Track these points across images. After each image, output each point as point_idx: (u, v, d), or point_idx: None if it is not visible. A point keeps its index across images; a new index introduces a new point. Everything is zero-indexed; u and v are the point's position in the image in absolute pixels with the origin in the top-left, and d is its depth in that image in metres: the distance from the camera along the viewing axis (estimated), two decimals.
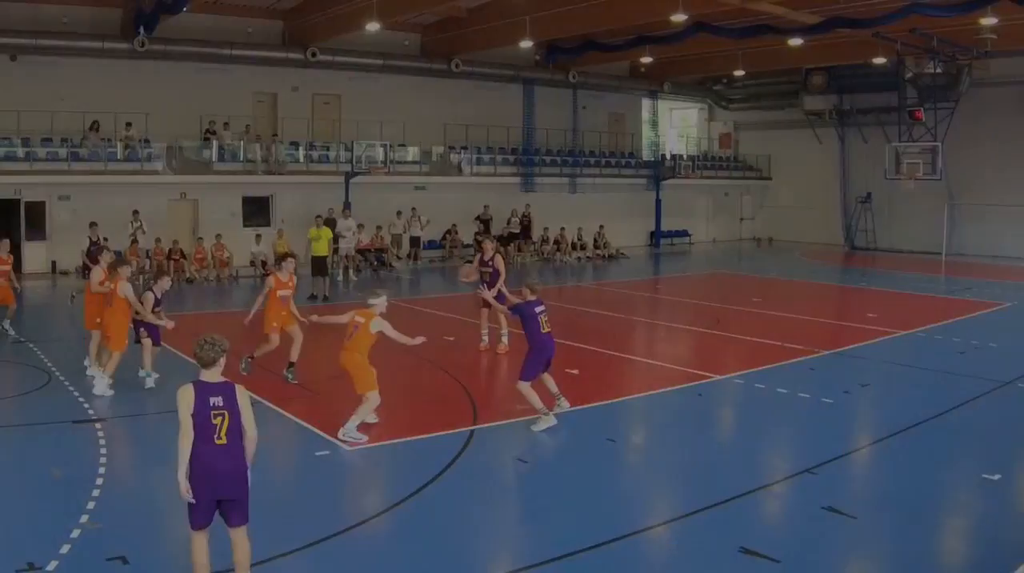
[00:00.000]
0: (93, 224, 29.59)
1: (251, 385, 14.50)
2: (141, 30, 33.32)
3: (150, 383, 15.74)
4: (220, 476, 7.65)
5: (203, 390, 7.76)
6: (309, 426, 13.56)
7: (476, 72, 42.61)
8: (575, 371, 17.20)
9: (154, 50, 34.17)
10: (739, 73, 48.97)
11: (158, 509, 10.02)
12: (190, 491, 7.56)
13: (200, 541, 7.80)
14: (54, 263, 33.15)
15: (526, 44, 37.66)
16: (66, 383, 16.17)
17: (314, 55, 37.89)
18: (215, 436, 7.63)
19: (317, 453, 12.34)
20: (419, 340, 13.14)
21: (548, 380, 14.13)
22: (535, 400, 13.57)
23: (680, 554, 9.44)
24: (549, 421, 13.51)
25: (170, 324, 16.05)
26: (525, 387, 13.61)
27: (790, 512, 10.77)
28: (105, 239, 28.61)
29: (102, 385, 15.25)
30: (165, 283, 16.42)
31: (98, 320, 16.09)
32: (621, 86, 49.53)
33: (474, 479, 11.37)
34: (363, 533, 9.76)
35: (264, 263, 34.11)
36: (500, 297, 17.81)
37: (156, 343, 16.12)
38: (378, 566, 9.13)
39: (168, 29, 33.83)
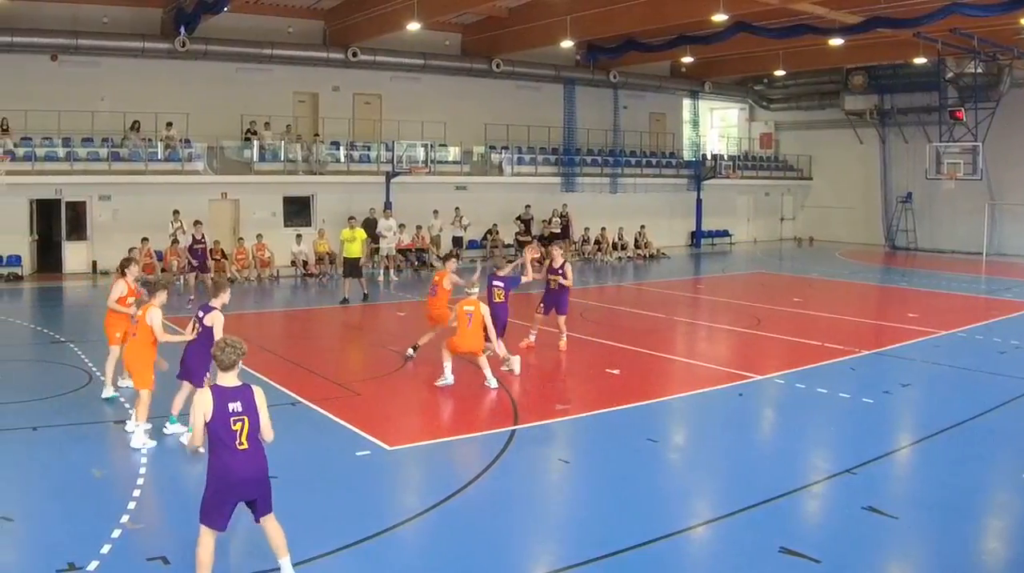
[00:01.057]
0: (198, 223, 28.33)
1: (295, 386, 14.90)
2: (182, 30, 32.66)
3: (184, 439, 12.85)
4: (245, 482, 7.59)
5: (221, 395, 7.59)
6: (350, 426, 13.28)
7: (517, 72, 41.72)
8: (616, 371, 16.91)
9: (195, 50, 33.53)
10: (780, 73, 47.88)
11: (198, 509, 9.39)
12: (210, 502, 7.57)
13: (209, 540, 7.68)
14: (95, 263, 32.38)
15: (567, 44, 36.94)
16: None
17: (355, 55, 37.10)
18: (236, 442, 7.52)
19: (358, 453, 12.06)
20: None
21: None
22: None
23: (721, 554, 9.24)
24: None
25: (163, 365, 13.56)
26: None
27: (831, 512, 10.51)
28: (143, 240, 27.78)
29: (140, 437, 12.28)
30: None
31: (118, 334, 14.58)
32: (662, 86, 48.24)
33: (515, 479, 11.14)
34: (405, 533, 9.57)
35: (305, 263, 33.45)
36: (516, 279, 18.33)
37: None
38: (420, 566, 8.94)
39: (209, 29, 33.15)
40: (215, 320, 12.41)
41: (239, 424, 7.54)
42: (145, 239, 30.10)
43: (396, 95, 39.83)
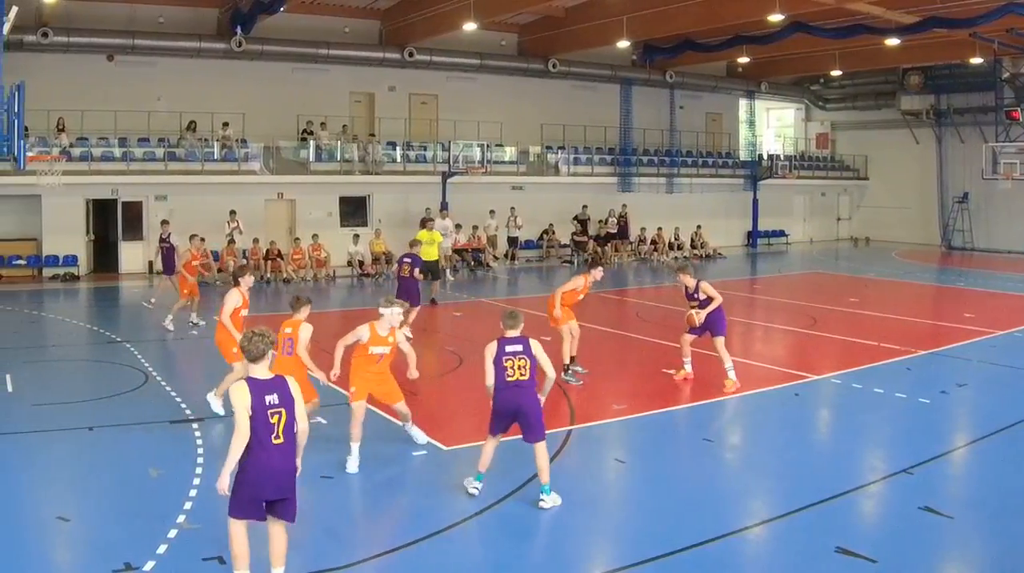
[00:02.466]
0: (165, 222, 26.45)
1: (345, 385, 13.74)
2: (238, 30, 31.97)
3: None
4: (276, 476, 7.25)
5: (258, 388, 7.24)
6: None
7: (573, 72, 40.50)
8: (672, 371, 16.32)
9: (251, 50, 32.83)
10: (836, 73, 46.66)
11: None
12: (241, 496, 7.24)
13: (241, 533, 7.42)
14: (151, 263, 31.30)
15: (623, 44, 36.05)
16: (163, 383, 15.58)
17: (411, 55, 36.18)
18: (273, 436, 7.19)
19: (414, 453, 11.87)
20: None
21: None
22: None
23: (777, 554, 9.05)
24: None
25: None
26: None
27: (887, 512, 10.21)
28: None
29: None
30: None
31: (235, 349, 12.68)
32: (718, 86, 46.76)
33: (572, 479, 10.69)
34: (461, 534, 9.31)
35: (361, 263, 32.52)
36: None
37: None
38: (476, 566, 8.76)
39: (265, 29, 32.48)
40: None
41: (276, 416, 7.20)
42: (199, 237, 28.62)
43: (452, 95, 38.84)
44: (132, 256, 31.59)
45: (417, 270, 20.33)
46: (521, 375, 9.74)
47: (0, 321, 23.05)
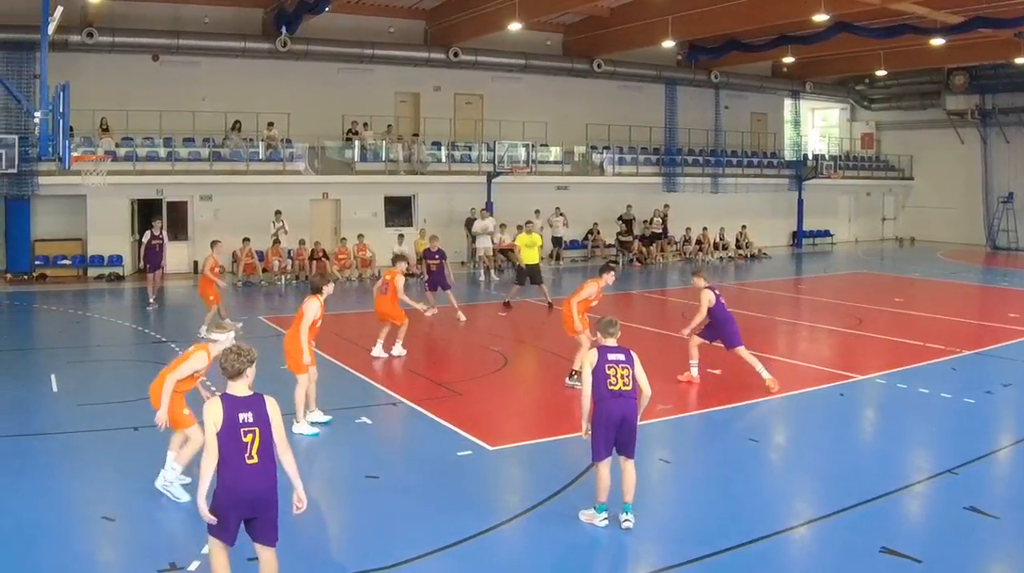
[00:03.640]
0: (157, 221, 25.92)
1: (396, 385, 14.63)
2: (283, 30, 31.16)
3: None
4: (249, 497, 6.75)
5: (232, 405, 6.85)
6: (451, 426, 12.67)
7: (618, 72, 39.22)
8: (717, 371, 16.10)
9: (296, 50, 32.00)
10: (881, 73, 45.12)
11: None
12: (213, 515, 6.70)
13: (220, 553, 6.89)
14: (196, 263, 30.64)
15: (668, 44, 34.66)
16: (209, 383, 14.69)
17: (456, 55, 35.17)
18: (246, 455, 6.73)
19: (459, 453, 11.56)
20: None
21: None
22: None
23: (821, 554, 8.80)
24: None
25: None
26: None
27: (932, 512, 10.06)
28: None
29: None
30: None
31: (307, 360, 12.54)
32: (763, 86, 45.41)
33: (616, 480, 9.54)
34: (505, 533, 9.14)
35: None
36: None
37: None
38: (521, 566, 8.59)
39: (310, 29, 31.65)
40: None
41: (250, 435, 6.75)
42: (247, 239, 28.83)
43: (497, 95, 37.87)
44: (177, 256, 30.75)
45: (446, 263, 22.65)
46: (624, 385, 9.09)
47: (45, 321, 22.84)
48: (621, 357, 9.19)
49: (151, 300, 24.03)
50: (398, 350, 17.23)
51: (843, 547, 8.75)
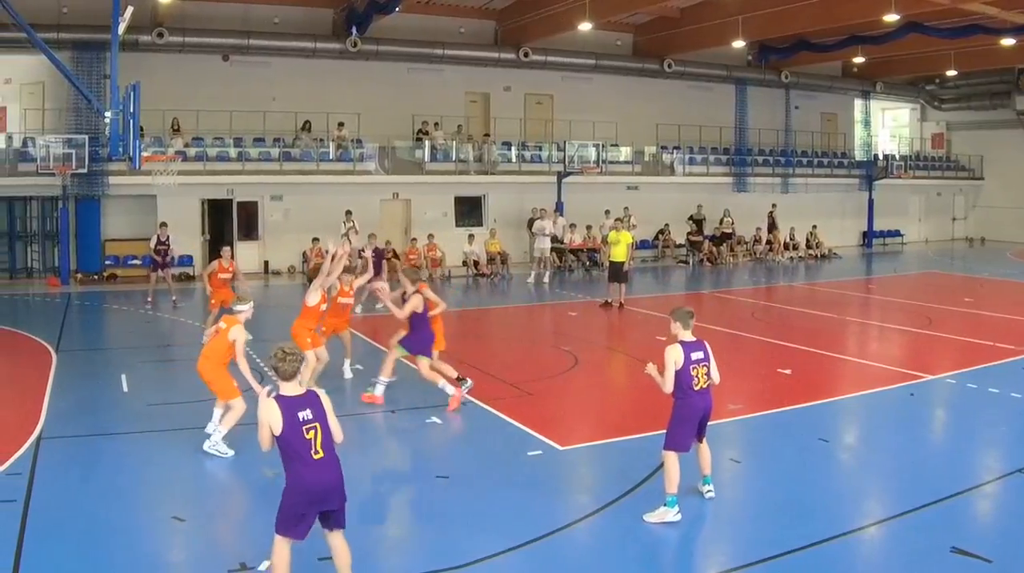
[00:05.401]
0: (163, 224, 25.08)
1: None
2: (353, 30, 30.12)
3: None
4: (323, 491, 6.74)
5: (288, 406, 6.71)
6: (522, 426, 12.42)
7: (688, 72, 37.64)
8: (788, 371, 15.83)
9: (366, 50, 30.97)
10: (951, 73, 43.12)
11: (368, 511, 9.19)
12: (292, 516, 6.73)
13: (285, 550, 6.82)
14: (266, 263, 29.97)
15: (738, 44, 33.39)
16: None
17: (526, 55, 33.86)
18: (312, 451, 6.68)
19: (529, 453, 11.29)
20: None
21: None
22: None
23: (892, 554, 8.47)
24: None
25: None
26: None
27: (1002, 512, 9.59)
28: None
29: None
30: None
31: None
32: (833, 86, 43.43)
33: (686, 479, 9.49)
34: (576, 533, 8.87)
35: (476, 263, 30.47)
36: None
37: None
38: (590, 565, 8.26)
39: (380, 29, 30.57)
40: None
41: (312, 432, 6.71)
42: (316, 239, 27.86)
43: (567, 95, 36.42)
44: (247, 256, 29.62)
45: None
46: (705, 382, 9.07)
47: (116, 321, 22.40)
48: (701, 355, 9.06)
49: (174, 298, 23.65)
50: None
51: (913, 547, 8.53)
